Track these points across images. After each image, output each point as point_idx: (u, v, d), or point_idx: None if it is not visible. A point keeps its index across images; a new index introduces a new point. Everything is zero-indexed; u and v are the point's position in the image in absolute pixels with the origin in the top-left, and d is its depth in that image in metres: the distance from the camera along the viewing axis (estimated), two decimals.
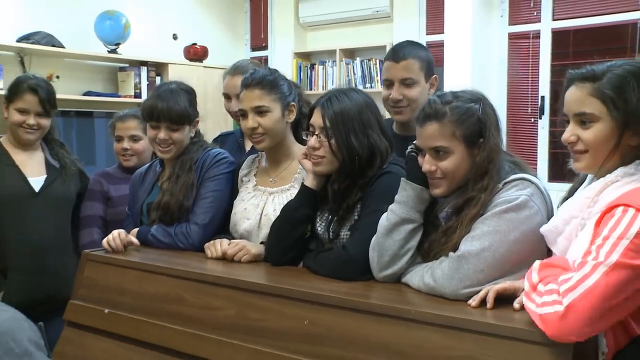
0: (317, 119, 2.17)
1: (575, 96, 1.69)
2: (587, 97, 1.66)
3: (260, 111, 2.36)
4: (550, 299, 1.48)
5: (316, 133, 2.16)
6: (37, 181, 3.02)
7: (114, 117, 3.37)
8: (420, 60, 2.65)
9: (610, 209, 1.54)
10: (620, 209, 1.51)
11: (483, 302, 1.68)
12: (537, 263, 1.63)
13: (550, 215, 1.84)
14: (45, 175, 3.05)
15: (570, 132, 1.70)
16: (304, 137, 2.26)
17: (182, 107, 2.56)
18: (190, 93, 2.66)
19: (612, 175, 1.65)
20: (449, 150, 1.86)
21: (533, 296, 1.55)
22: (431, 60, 2.73)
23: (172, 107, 2.54)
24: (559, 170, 5.68)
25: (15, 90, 2.99)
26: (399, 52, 2.66)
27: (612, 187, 1.63)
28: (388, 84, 2.67)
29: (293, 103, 2.43)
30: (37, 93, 2.96)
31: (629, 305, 1.47)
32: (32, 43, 5.85)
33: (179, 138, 2.58)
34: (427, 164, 1.89)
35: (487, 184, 1.84)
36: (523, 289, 1.61)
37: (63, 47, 6.06)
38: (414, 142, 1.97)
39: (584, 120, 1.67)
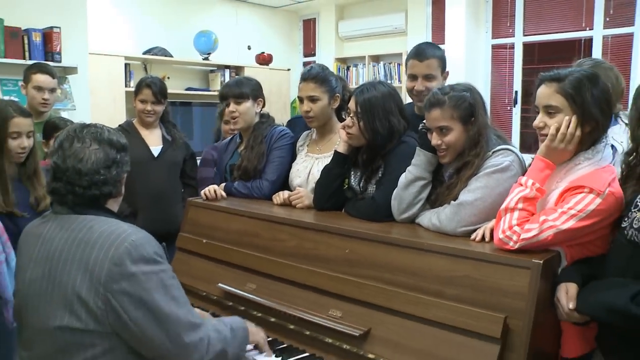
0: (352, 104, 2.11)
1: (545, 92, 1.63)
2: (553, 93, 1.60)
3: (312, 99, 2.32)
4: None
5: (351, 115, 2.12)
6: (156, 149, 3.05)
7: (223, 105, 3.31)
8: (438, 60, 2.42)
9: (575, 187, 1.52)
10: (587, 189, 1.49)
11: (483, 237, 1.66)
12: None
13: None
14: (162, 145, 3.08)
15: (539, 120, 1.65)
16: (344, 117, 2.20)
17: (243, 88, 2.55)
18: (251, 81, 2.63)
19: (576, 159, 1.60)
20: (449, 128, 1.81)
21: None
22: (445, 58, 2.50)
23: (234, 88, 2.55)
24: (527, 145, 5.61)
25: (138, 87, 3.03)
26: (423, 52, 2.42)
27: (575, 168, 1.60)
28: (412, 78, 2.44)
29: (338, 94, 2.38)
30: (151, 87, 2.97)
31: None
32: (152, 54, 5.95)
33: (243, 110, 2.54)
34: (434, 139, 1.84)
35: (479, 151, 1.79)
36: None
37: (172, 56, 6.15)
38: (424, 121, 1.91)
39: (550, 111, 1.61)
